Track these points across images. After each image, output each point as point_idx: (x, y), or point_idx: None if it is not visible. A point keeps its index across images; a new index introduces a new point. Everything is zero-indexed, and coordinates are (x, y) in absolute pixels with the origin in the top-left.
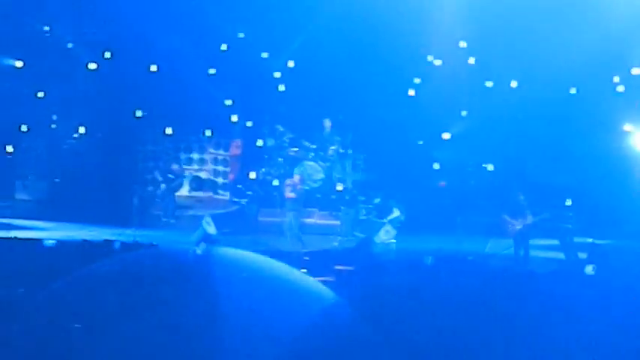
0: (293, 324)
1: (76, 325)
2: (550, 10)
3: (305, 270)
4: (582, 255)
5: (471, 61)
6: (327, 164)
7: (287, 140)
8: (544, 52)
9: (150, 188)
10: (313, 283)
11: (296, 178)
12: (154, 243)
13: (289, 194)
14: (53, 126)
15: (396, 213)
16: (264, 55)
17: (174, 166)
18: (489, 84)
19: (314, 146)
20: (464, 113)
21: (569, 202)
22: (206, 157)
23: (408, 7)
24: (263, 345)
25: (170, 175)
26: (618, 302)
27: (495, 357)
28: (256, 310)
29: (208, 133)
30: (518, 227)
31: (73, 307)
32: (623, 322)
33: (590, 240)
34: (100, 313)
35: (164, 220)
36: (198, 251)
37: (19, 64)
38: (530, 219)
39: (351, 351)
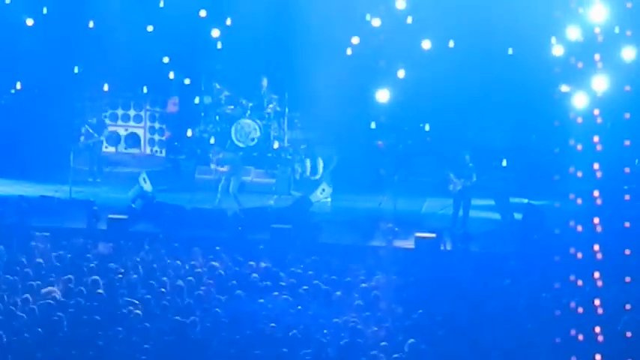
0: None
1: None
2: None
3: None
4: (518, 215)
5: (409, 20)
6: (264, 122)
7: (224, 98)
8: (481, 13)
9: (86, 145)
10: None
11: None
12: (91, 199)
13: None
14: None
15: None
16: (202, 13)
17: (111, 123)
18: (427, 43)
19: (251, 104)
20: (401, 73)
21: (504, 163)
22: (142, 114)
23: None
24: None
25: (106, 132)
26: (550, 263)
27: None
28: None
29: (145, 90)
30: (459, 187)
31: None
32: (555, 281)
33: (526, 200)
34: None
35: (98, 177)
36: (134, 206)
37: None
38: (472, 180)
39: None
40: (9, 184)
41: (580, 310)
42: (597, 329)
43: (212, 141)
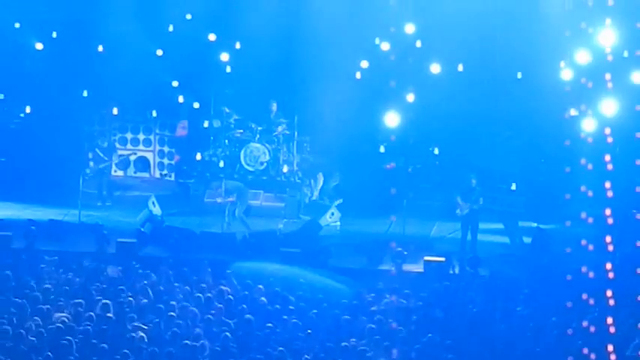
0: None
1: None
2: None
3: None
4: (527, 239)
5: (418, 44)
6: (273, 146)
7: (233, 122)
8: (490, 37)
9: (95, 168)
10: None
11: (219, 199)
12: (100, 223)
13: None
14: None
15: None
16: (212, 36)
17: (120, 147)
18: (436, 67)
19: (260, 128)
20: (410, 96)
21: (513, 187)
22: (152, 137)
23: None
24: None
25: (116, 156)
26: (561, 285)
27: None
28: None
29: (154, 113)
30: (467, 211)
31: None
32: (564, 305)
33: (535, 224)
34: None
35: (108, 201)
36: (144, 230)
37: None
38: (480, 203)
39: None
40: (18, 208)
41: (590, 331)
42: (610, 349)
43: (221, 165)
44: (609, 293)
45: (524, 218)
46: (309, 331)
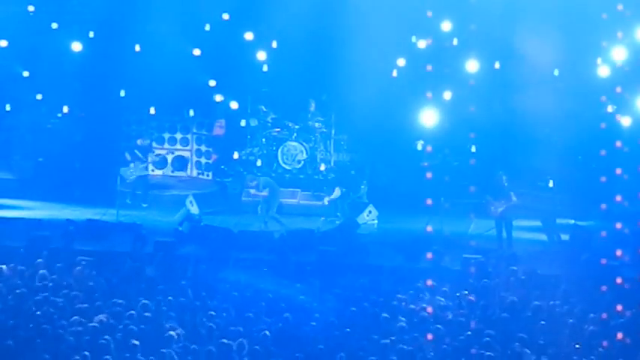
0: (271, 303)
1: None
2: None
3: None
4: (565, 236)
5: (455, 42)
6: (310, 144)
7: (270, 120)
8: (527, 34)
9: (132, 168)
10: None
11: (252, 191)
12: (138, 223)
13: (259, 193)
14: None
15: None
16: (248, 35)
17: (158, 146)
18: (473, 65)
19: (297, 126)
20: (447, 94)
21: (551, 184)
22: (189, 137)
23: None
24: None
25: (153, 155)
26: (599, 282)
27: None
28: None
29: (192, 112)
30: (501, 209)
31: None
32: (602, 302)
33: (573, 221)
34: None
35: (145, 202)
36: (182, 229)
37: (3, 43)
38: (512, 201)
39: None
40: (57, 207)
41: (628, 328)
42: None
43: (259, 163)
44: None
45: (561, 215)
46: (347, 329)
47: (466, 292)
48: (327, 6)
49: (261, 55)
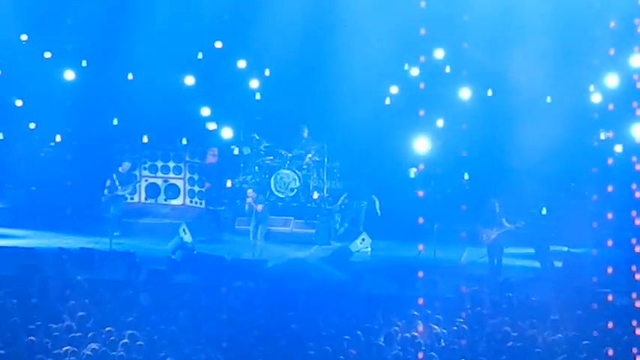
0: (264, 331)
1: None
2: (524, 20)
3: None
4: (558, 263)
5: (447, 69)
6: (303, 172)
7: (263, 149)
8: (519, 61)
9: (125, 196)
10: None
11: (250, 192)
12: (131, 251)
13: (253, 205)
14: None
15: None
16: (241, 64)
17: (150, 175)
18: (465, 92)
19: (290, 154)
20: (440, 122)
21: (544, 211)
22: (182, 165)
23: (385, 16)
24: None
25: (145, 183)
26: (591, 309)
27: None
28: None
29: (184, 141)
30: (493, 236)
31: (49, 313)
32: (597, 328)
33: (566, 249)
34: (79, 321)
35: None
36: (175, 258)
37: None
38: (504, 228)
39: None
40: (49, 236)
41: (620, 356)
42: None
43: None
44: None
45: (555, 242)
46: (340, 357)
47: (461, 320)
48: (319, 34)
49: (254, 83)
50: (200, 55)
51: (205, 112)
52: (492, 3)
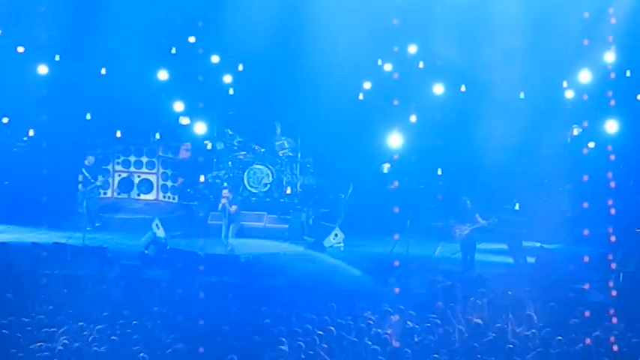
0: (237, 327)
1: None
2: (498, 16)
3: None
4: (531, 259)
5: (421, 65)
6: (276, 168)
7: (236, 144)
8: (493, 58)
9: (99, 191)
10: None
11: (225, 192)
12: (104, 246)
13: (227, 206)
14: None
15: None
16: (214, 59)
17: (123, 169)
18: (439, 88)
19: (263, 150)
20: (413, 117)
21: (517, 207)
22: (155, 160)
23: (358, 11)
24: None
25: (118, 178)
26: (565, 304)
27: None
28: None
29: (158, 136)
30: (465, 232)
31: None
32: (570, 324)
33: (539, 244)
34: (52, 315)
35: (97, 222)
36: (148, 253)
37: None
38: (478, 224)
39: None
40: (22, 231)
41: (594, 350)
42: None
43: (225, 187)
44: (612, 311)
45: (527, 238)
46: (310, 352)
47: (434, 316)
48: (293, 29)
49: (227, 79)
50: (174, 50)
51: (179, 107)
52: None
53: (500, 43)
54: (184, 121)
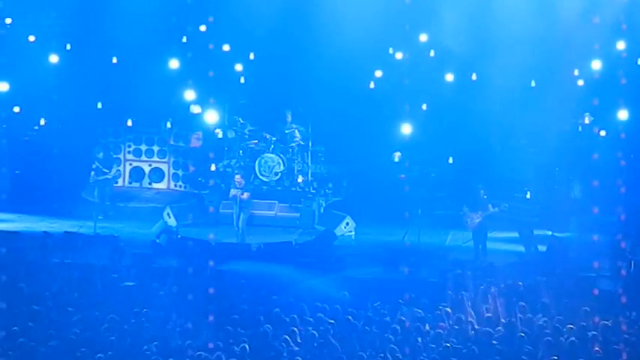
0: (248, 316)
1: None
2: (508, 4)
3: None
4: (542, 247)
5: (432, 53)
6: (288, 156)
7: (247, 132)
8: (504, 46)
9: (110, 180)
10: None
11: (237, 177)
12: (115, 235)
13: (238, 193)
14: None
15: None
16: (225, 47)
17: (135, 158)
18: (450, 77)
19: (274, 138)
20: (424, 105)
21: (528, 195)
22: (166, 149)
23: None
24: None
25: (129, 167)
26: (576, 293)
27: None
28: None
29: (169, 125)
30: (478, 220)
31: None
32: (581, 313)
33: (550, 232)
34: (64, 304)
35: (111, 211)
36: (159, 242)
37: None
38: (489, 211)
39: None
40: (33, 220)
41: (607, 338)
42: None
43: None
44: (624, 300)
45: (539, 227)
46: (322, 340)
47: (445, 304)
48: (303, 18)
49: (239, 67)
50: (184, 39)
51: (190, 95)
52: None
53: (511, 32)
54: (195, 109)
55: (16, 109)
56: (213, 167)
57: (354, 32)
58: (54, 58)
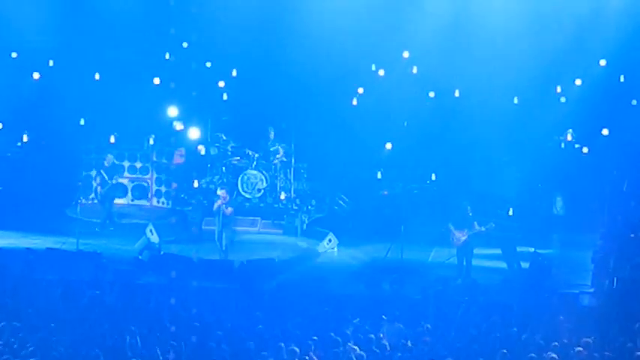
0: (231, 332)
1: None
2: (492, 21)
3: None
4: (525, 264)
5: (414, 70)
6: (271, 173)
7: (230, 149)
8: (487, 63)
9: (93, 196)
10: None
11: (222, 193)
12: (98, 251)
13: (222, 207)
14: None
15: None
16: (208, 64)
17: (117, 175)
18: (432, 93)
19: (257, 155)
20: (406, 123)
21: (510, 212)
22: (149, 165)
23: (352, 16)
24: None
25: (112, 183)
26: (559, 309)
27: None
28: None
29: (152, 141)
30: (464, 238)
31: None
32: (563, 330)
33: (532, 249)
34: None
35: (109, 228)
36: (142, 258)
37: None
38: (475, 230)
39: None
40: (16, 236)
41: (588, 356)
42: None
43: (219, 192)
44: (606, 316)
45: (521, 243)
46: (306, 357)
47: (427, 323)
48: (286, 35)
49: (221, 84)
50: (167, 56)
51: (172, 112)
52: (460, 4)
53: (493, 49)
54: (178, 126)
55: None
56: (196, 184)
57: (337, 49)
58: (36, 75)
